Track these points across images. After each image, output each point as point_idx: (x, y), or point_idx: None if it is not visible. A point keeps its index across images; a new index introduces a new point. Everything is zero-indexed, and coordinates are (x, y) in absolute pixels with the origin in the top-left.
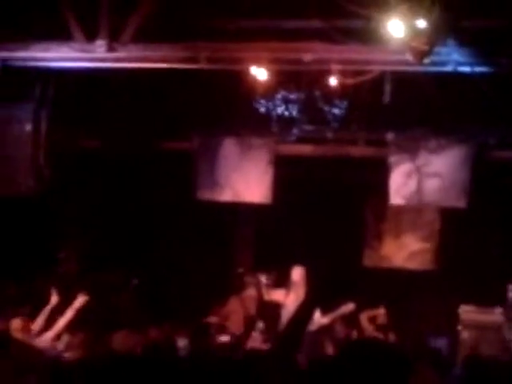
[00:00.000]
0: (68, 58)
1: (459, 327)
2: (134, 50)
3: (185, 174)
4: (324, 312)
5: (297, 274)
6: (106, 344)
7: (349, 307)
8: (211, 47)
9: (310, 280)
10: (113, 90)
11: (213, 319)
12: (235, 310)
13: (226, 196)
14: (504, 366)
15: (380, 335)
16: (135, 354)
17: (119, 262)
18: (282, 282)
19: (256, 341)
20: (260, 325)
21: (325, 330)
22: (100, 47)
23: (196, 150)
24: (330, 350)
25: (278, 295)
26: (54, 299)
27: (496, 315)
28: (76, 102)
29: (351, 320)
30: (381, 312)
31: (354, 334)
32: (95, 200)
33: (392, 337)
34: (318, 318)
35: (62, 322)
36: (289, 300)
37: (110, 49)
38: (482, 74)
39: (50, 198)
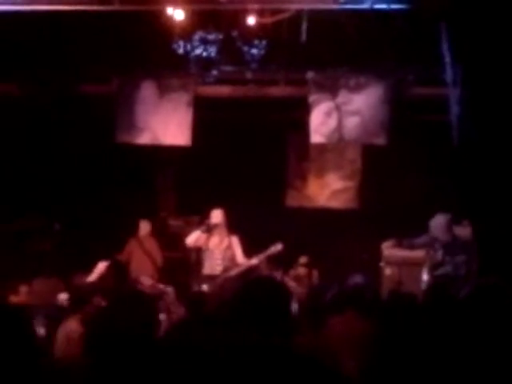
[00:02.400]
0: None
1: (382, 264)
2: None
3: (104, 117)
4: (252, 253)
5: (216, 216)
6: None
7: (277, 247)
8: None
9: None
10: (29, 33)
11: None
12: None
13: (145, 139)
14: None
15: (304, 275)
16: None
17: (40, 207)
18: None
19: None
20: None
21: (253, 271)
22: None
23: (115, 93)
24: None
25: (198, 239)
26: None
27: (417, 251)
28: None
29: (279, 262)
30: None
31: (284, 275)
32: (13, 145)
33: (315, 277)
34: (242, 259)
35: None
36: (211, 243)
37: None
38: (398, 11)
39: None
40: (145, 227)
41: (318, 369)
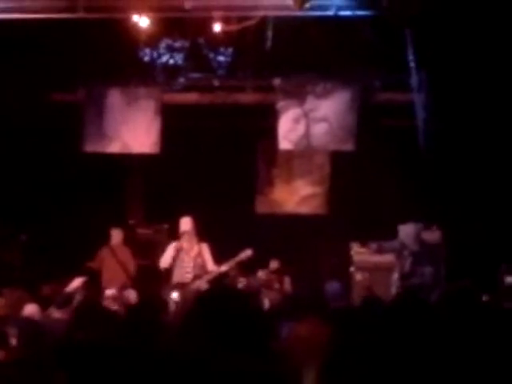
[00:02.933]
0: None
1: (352, 269)
2: (11, 1)
3: (71, 126)
4: (222, 260)
5: (185, 224)
6: None
7: (247, 253)
8: None
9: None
10: None
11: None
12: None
13: (114, 148)
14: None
15: (275, 281)
16: None
17: (6, 217)
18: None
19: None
20: None
21: (223, 278)
22: None
23: (82, 101)
24: None
25: (167, 253)
26: None
27: (387, 256)
28: None
29: (249, 268)
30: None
31: (254, 281)
32: None
33: (287, 283)
34: (213, 267)
35: None
36: (182, 252)
37: None
38: (363, 18)
39: None
40: (117, 235)
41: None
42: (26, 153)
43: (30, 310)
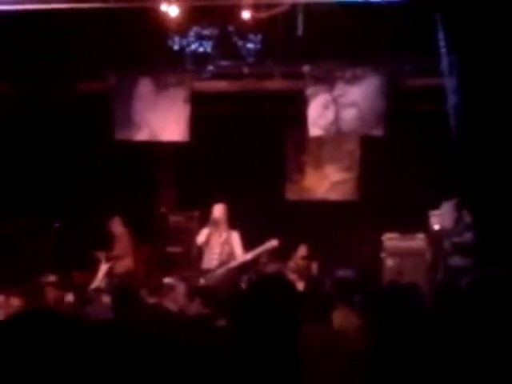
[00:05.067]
0: None
1: (383, 255)
2: None
3: (102, 114)
4: (248, 248)
5: (218, 211)
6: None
7: (272, 243)
8: None
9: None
10: (24, 32)
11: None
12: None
13: (143, 135)
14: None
15: (303, 267)
16: None
17: (40, 206)
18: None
19: None
20: None
21: (248, 266)
22: None
23: (111, 90)
24: None
25: (201, 234)
26: None
27: (418, 241)
28: None
29: (281, 255)
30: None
31: (284, 268)
32: (9, 145)
33: (315, 268)
34: (241, 255)
35: None
36: (212, 239)
37: None
38: (392, 2)
39: None
40: (118, 224)
41: None
42: (57, 142)
43: None
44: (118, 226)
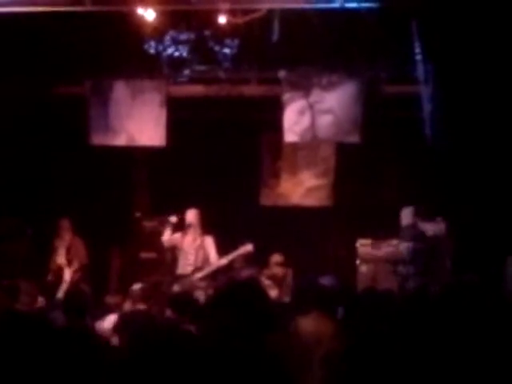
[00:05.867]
0: None
1: (357, 261)
2: None
3: (77, 119)
4: (222, 253)
5: (191, 215)
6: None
7: (247, 248)
8: None
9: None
10: (1, 36)
11: None
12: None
13: (120, 140)
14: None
15: (278, 274)
16: None
17: (12, 211)
18: (180, 224)
19: None
20: None
21: (224, 271)
22: None
23: (87, 94)
24: None
25: (174, 238)
26: None
27: (392, 248)
28: None
29: (256, 260)
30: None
31: (258, 274)
32: None
33: (290, 275)
34: (216, 260)
35: None
36: (185, 243)
37: None
38: (368, 9)
39: None
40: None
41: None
42: (31, 146)
43: None
44: (66, 229)
